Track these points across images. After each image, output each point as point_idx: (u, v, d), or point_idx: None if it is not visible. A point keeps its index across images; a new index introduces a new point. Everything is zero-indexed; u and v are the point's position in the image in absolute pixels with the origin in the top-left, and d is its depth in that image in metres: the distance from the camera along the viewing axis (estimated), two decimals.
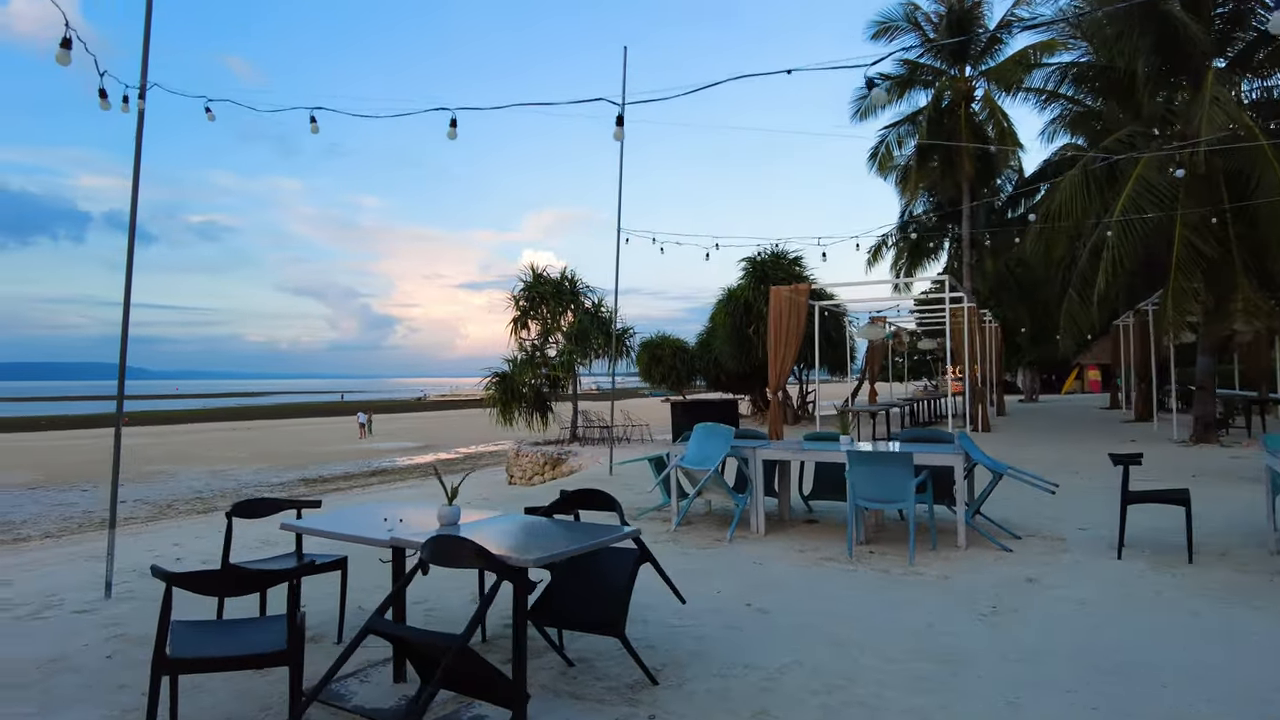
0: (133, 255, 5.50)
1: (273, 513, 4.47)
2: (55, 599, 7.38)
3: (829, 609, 4.80)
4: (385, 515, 3.71)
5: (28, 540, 15.20)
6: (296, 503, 4.46)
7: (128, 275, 5.48)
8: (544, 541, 3.18)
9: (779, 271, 19.60)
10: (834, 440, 7.41)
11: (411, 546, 3.07)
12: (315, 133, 5.66)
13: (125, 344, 5.57)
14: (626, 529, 3.33)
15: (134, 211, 5.47)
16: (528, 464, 15.58)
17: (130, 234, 5.47)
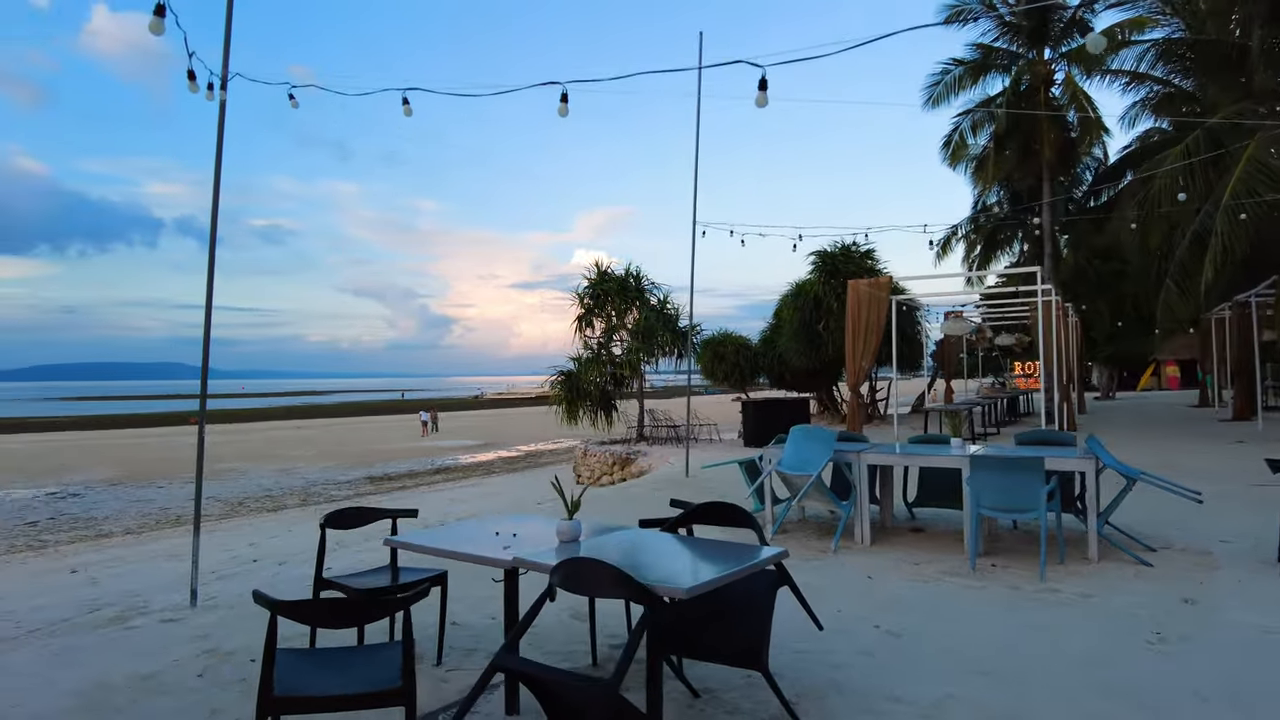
0: (214, 249, 5.31)
1: (367, 523, 4.17)
2: (140, 601, 7.31)
3: (966, 632, 4.32)
4: (497, 529, 3.37)
5: (110, 536, 15.49)
6: (392, 512, 4.16)
7: (210, 266, 5.28)
8: (684, 564, 2.80)
9: (850, 265, 18.91)
10: (944, 443, 6.89)
11: (538, 569, 2.71)
12: (409, 115, 5.39)
13: (208, 345, 5.39)
14: (770, 550, 2.93)
15: (215, 204, 5.27)
16: (596, 463, 15.27)
17: (212, 226, 5.28)
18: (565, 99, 5.65)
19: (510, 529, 3.40)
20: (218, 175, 5.23)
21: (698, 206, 10.89)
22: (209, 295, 5.29)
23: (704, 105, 9.90)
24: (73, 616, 7.17)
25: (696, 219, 10.73)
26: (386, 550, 7.94)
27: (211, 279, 5.29)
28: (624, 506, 8.84)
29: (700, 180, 10.71)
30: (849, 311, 13.78)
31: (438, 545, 3.03)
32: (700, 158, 10.36)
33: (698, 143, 10.50)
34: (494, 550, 2.95)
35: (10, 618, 7.48)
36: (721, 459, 11.69)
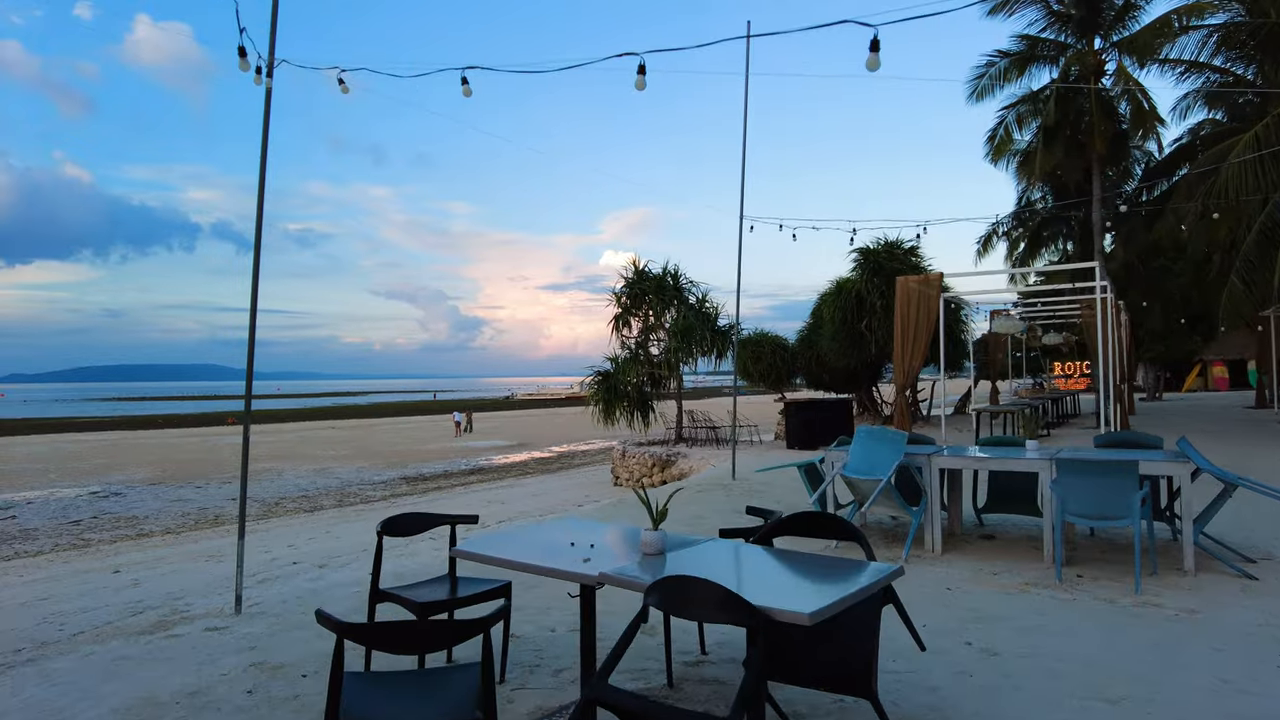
0: (260, 242, 5.11)
1: (426, 529, 3.92)
2: (182, 604, 7.17)
3: (1069, 650, 3.96)
4: (571, 539, 3.09)
5: (150, 535, 15.54)
6: (452, 518, 3.90)
7: (255, 260, 5.09)
8: (794, 583, 2.49)
9: (894, 262, 18.42)
10: (1017, 445, 6.50)
11: (630, 587, 2.43)
12: (468, 95, 5.14)
13: (253, 344, 5.19)
14: (886, 567, 2.61)
15: (261, 194, 5.07)
16: (635, 465, 14.98)
17: (258, 219, 5.08)
18: (642, 70, 5.34)
19: (585, 538, 3.12)
20: (263, 166, 5.03)
21: (744, 202, 10.56)
22: (255, 285, 5.09)
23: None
24: (116, 620, 7.05)
25: (744, 214, 10.40)
26: (433, 552, 7.73)
27: (257, 271, 5.10)
28: (675, 512, 8.54)
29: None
30: (897, 310, 13.31)
31: (510, 557, 2.76)
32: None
33: (745, 134, 10.19)
34: (573, 564, 2.67)
35: (56, 620, 7.38)
36: (775, 462, 11.35)
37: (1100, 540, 6.43)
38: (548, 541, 3.09)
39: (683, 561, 2.70)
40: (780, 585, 2.41)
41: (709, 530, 7.09)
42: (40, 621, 7.17)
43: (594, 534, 3.23)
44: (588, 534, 3.23)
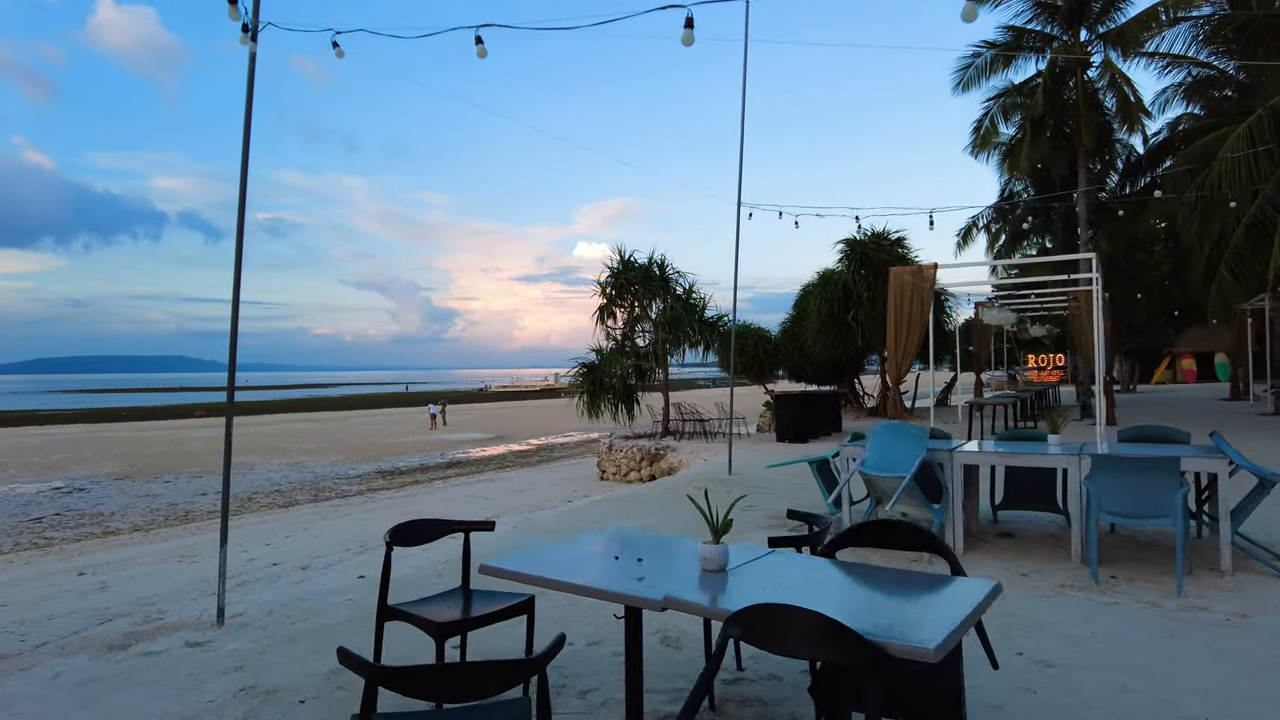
0: (243, 214, 4.69)
1: (437, 537, 3.55)
2: (155, 612, 6.70)
3: (1127, 662, 3.70)
4: (613, 552, 2.74)
5: (117, 533, 14.92)
6: (466, 525, 3.53)
7: (239, 236, 4.67)
8: (893, 607, 2.16)
9: (881, 253, 18.26)
10: (1037, 440, 6.26)
11: (708, 614, 2.09)
12: (482, 56, 4.71)
13: (235, 335, 4.77)
14: (984, 584, 2.31)
15: (245, 165, 4.65)
16: (622, 459, 14.64)
17: (241, 187, 4.66)
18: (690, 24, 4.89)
19: (627, 550, 2.77)
20: (246, 138, 4.60)
21: (741, 188, 10.24)
22: (238, 265, 4.67)
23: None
24: (83, 629, 6.58)
25: (741, 201, 10.07)
26: (425, 554, 7.33)
27: (240, 254, 4.68)
28: (675, 510, 8.22)
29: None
30: (890, 301, 13.10)
31: (554, 576, 2.40)
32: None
33: (743, 118, 9.85)
34: (629, 584, 2.32)
35: (15, 629, 6.88)
36: (771, 456, 11.09)
37: (1121, 537, 6.22)
38: (587, 555, 2.75)
39: (750, 580, 2.37)
40: (883, 611, 2.09)
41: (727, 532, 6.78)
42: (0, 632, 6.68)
43: (636, 545, 2.89)
44: (629, 545, 2.88)
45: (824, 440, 14.84)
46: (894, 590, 2.26)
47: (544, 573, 2.42)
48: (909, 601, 2.18)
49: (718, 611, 2.01)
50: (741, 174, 10.04)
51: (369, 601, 5.07)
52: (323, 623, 4.55)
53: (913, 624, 1.95)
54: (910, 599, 2.21)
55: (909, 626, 1.90)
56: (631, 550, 2.78)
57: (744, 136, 9.88)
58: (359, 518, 13.82)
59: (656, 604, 2.15)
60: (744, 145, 9.90)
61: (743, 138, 9.89)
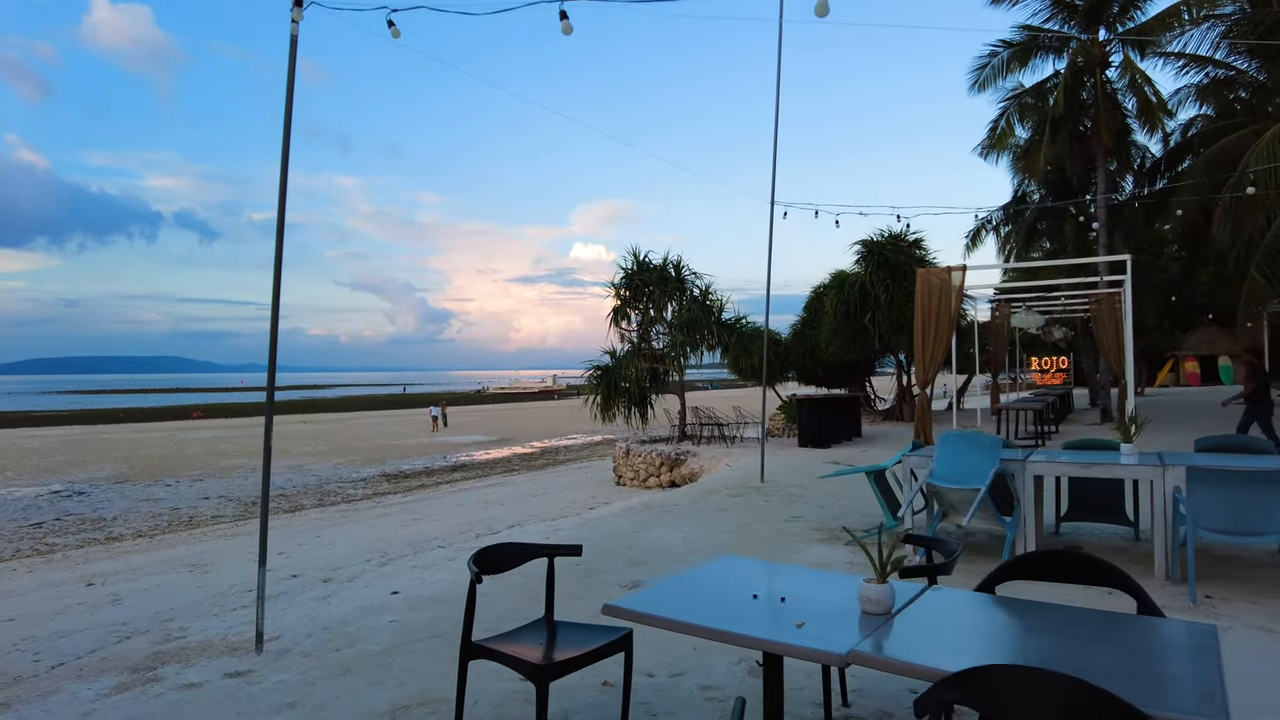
0: (284, 200, 4.36)
1: (522, 562, 3.19)
2: (177, 630, 6.32)
3: (1268, 698, 3.38)
4: (750, 589, 2.40)
5: (120, 539, 14.54)
6: (551, 549, 3.18)
7: (279, 226, 4.33)
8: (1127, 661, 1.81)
9: (899, 254, 17.97)
10: (1108, 449, 5.95)
11: (908, 673, 1.76)
12: (568, 33, 4.32)
13: (275, 333, 4.44)
14: (1208, 628, 1.98)
15: (286, 146, 4.31)
16: (640, 464, 14.29)
17: (283, 169, 4.32)
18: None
19: (762, 586, 2.43)
20: (288, 118, 4.27)
21: (774, 182, 9.91)
22: (279, 250, 4.34)
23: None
24: (100, 647, 6.22)
25: (774, 200, 9.75)
26: (449, 562, 6.99)
27: (280, 239, 4.34)
28: (715, 522, 7.87)
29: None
30: (918, 303, 12.76)
31: (699, 622, 2.05)
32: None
33: (777, 115, 9.54)
34: (788, 631, 1.98)
35: (29, 646, 6.52)
36: (800, 462, 10.77)
37: (1197, 552, 5.91)
38: (717, 593, 2.40)
39: (926, 626, 2.04)
40: (1118, 667, 1.75)
41: (769, 543, 6.43)
42: (10, 649, 6.31)
43: (768, 579, 2.56)
44: (760, 580, 2.54)
45: (846, 445, 14.52)
46: (1108, 638, 1.93)
47: (684, 617, 2.08)
48: (1138, 654, 1.86)
49: (922, 670, 1.69)
50: (775, 171, 9.74)
51: (414, 622, 4.74)
52: (370, 649, 4.21)
53: (1169, 686, 1.63)
54: (1139, 651, 1.88)
55: (1169, 690, 1.58)
56: (765, 586, 2.44)
57: (778, 133, 9.56)
58: (370, 524, 13.46)
59: (838, 659, 1.82)
60: (777, 141, 9.58)
61: (776, 134, 9.58)
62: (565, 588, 5.10)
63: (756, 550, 6.19)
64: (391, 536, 11.24)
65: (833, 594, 2.31)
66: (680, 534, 6.97)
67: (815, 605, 2.20)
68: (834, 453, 13.35)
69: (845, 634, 1.95)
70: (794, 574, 2.63)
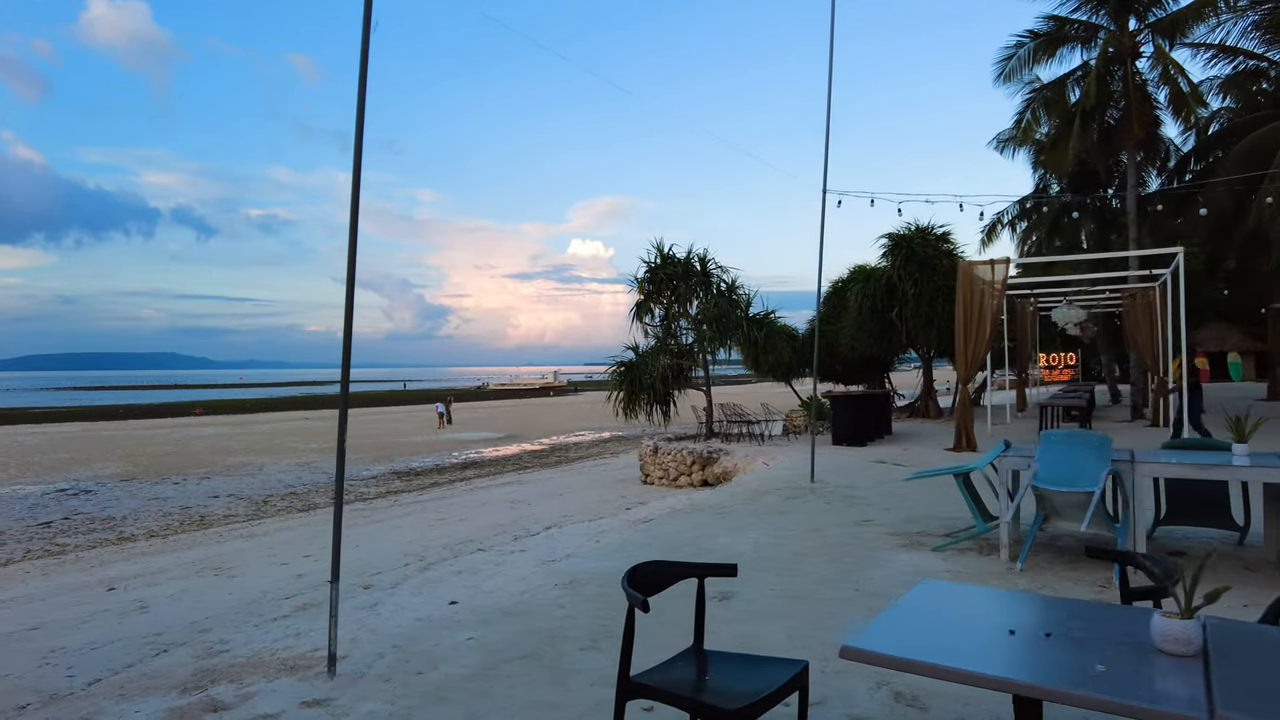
0: (358, 191, 3.96)
1: (673, 582, 2.77)
2: (217, 642, 5.91)
3: None
4: (992, 623, 2.01)
5: (133, 539, 14.13)
6: (702, 568, 2.76)
7: (353, 215, 3.94)
8: None
9: (927, 248, 17.61)
10: (1216, 449, 5.57)
11: None
12: None
13: (349, 327, 4.05)
14: None
15: (360, 133, 3.91)
16: (670, 463, 13.89)
17: (356, 164, 3.92)
18: None
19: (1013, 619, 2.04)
20: (362, 86, 3.87)
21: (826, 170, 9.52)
22: (352, 255, 3.94)
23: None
24: (137, 661, 5.80)
25: (828, 188, 9.35)
26: (496, 567, 6.58)
27: (355, 230, 3.94)
28: (779, 525, 7.47)
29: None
30: (959, 297, 12.44)
31: (974, 669, 1.66)
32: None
33: (830, 100, 9.15)
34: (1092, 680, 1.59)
35: (59, 659, 6.10)
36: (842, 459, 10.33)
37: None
38: (958, 626, 2.01)
39: (1248, 672, 1.65)
40: None
41: (850, 550, 5.82)
42: (40, 662, 5.89)
43: (1002, 609, 2.16)
44: (993, 610, 2.15)
45: (881, 443, 14.14)
46: None
47: (955, 663, 1.68)
48: None
49: None
50: (827, 159, 9.33)
51: (494, 640, 4.33)
52: (456, 672, 3.81)
53: None
54: None
55: None
56: (1007, 618, 2.05)
57: (829, 121, 9.16)
58: (395, 524, 13.05)
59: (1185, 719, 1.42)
60: (829, 129, 9.18)
61: (829, 122, 9.17)
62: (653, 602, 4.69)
63: (842, 558, 5.80)
64: (421, 538, 10.83)
65: (1100, 627, 1.92)
66: (748, 539, 6.58)
67: (1089, 642, 1.82)
68: (874, 450, 12.98)
69: (1175, 684, 1.56)
70: (1021, 601, 2.25)
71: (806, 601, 4.77)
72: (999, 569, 5.37)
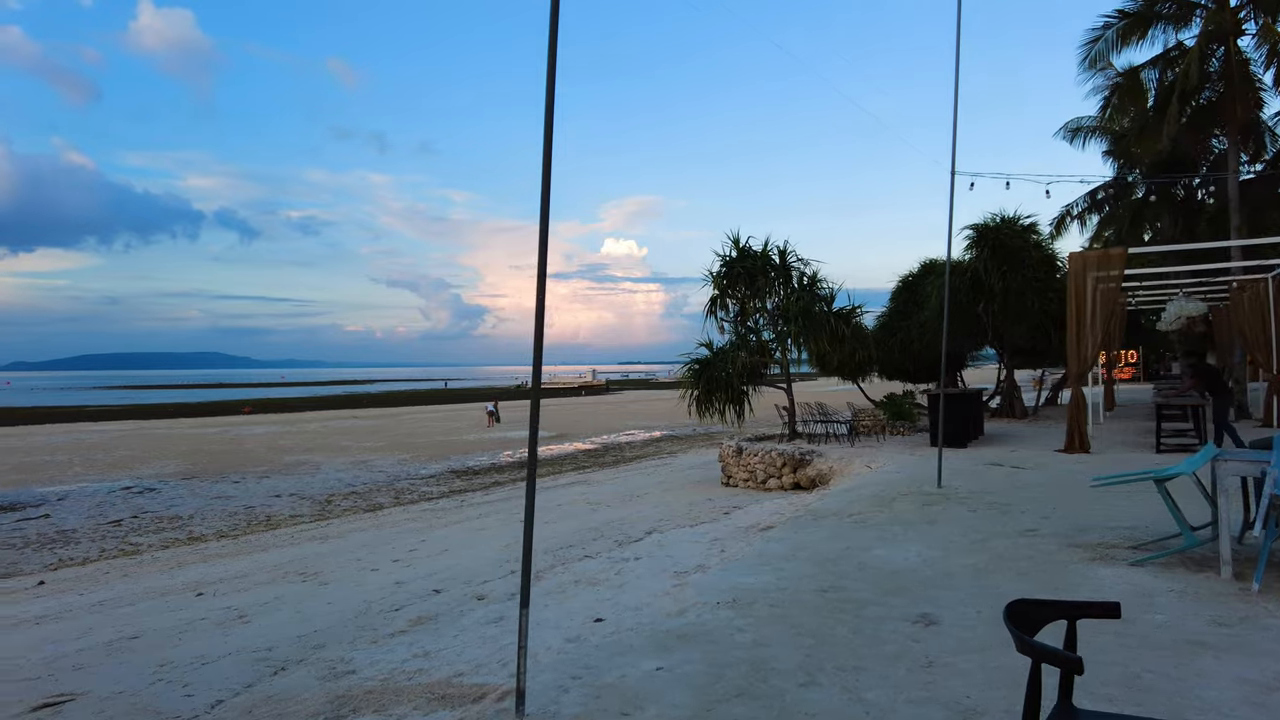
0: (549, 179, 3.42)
1: (1050, 621, 2.16)
2: (339, 660, 5.39)
3: None
4: None
5: (204, 540, 13.88)
6: (1077, 608, 2.15)
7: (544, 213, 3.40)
8: None
9: (1016, 239, 16.76)
10: None
11: None
12: None
13: (541, 321, 3.51)
14: None
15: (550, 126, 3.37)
16: (757, 464, 13.26)
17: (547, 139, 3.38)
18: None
19: None
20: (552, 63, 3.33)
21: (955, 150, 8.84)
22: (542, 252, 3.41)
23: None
24: (256, 681, 5.33)
25: (959, 171, 8.66)
26: (639, 579, 6.00)
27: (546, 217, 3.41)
28: (936, 536, 6.78)
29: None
30: (1071, 290, 11.64)
31: None
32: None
33: (957, 75, 8.46)
34: None
35: (171, 675, 5.66)
36: (969, 461, 9.58)
37: None
38: None
39: None
40: None
41: (1033, 563, 4.90)
42: (152, 679, 5.47)
43: None
44: None
45: (977, 445, 13.36)
46: None
47: None
48: None
49: None
50: (955, 140, 8.64)
51: (690, 673, 3.71)
52: (672, 715, 3.24)
53: None
54: None
55: None
56: None
57: (957, 100, 8.47)
58: (474, 525, 12.60)
59: None
60: (957, 109, 8.49)
61: (956, 101, 8.49)
62: (836, 627, 4.06)
63: (1032, 573, 5.14)
64: (510, 542, 10.34)
65: None
66: (909, 552, 5.94)
67: None
68: (977, 452, 12.22)
69: None
70: None
71: None
72: (1228, 589, 4.68)
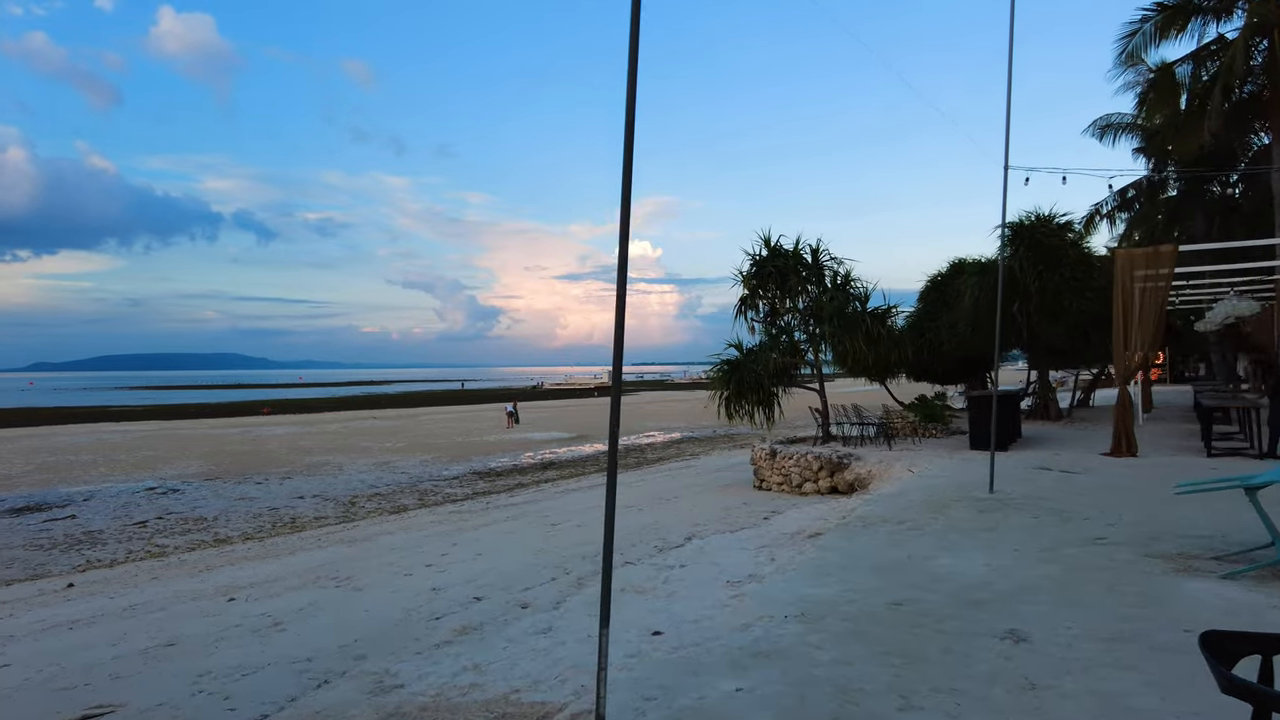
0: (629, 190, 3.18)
1: (1248, 654, 1.89)
2: (389, 678, 5.13)
3: None
4: None
5: (230, 542, 13.76)
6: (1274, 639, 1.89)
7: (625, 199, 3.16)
8: None
9: (1053, 237, 16.38)
10: None
11: None
12: None
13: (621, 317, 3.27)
14: None
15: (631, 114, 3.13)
16: (792, 467, 12.96)
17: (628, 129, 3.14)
18: None
19: None
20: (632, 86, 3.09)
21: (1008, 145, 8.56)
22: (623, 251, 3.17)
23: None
24: (300, 695, 5.11)
25: (1010, 165, 8.35)
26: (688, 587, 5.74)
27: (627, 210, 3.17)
28: (1001, 545, 6.46)
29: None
30: (1117, 289, 11.30)
31: None
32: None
33: (1010, 68, 8.16)
34: None
35: (211, 686, 5.44)
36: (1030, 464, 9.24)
37: None
38: None
39: None
40: None
41: (1110, 573, 4.65)
42: (191, 689, 5.27)
43: None
44: None
45: (1017, 448, 13.01)
46: None
47: None
48: None
49: None
50: (1009, 135, 8.34)
51: (774, 694, 3.44)
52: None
53: None
54: None
55: None
56: None
57: (1010, 95, 8.18)
58: (503, 528, 12.38)
59: None
60: (1010, 105, 8.19)
61: (1009, 96, 8.19)
62: (921, 644, 3.77)
63: (1118, 586, 4.85)
64: (547, 546, 10.11)
65: None
66: (975, 561, 5.66)
67: None
68: (1020, 455, 11.88)
69: None
70: None
71: (1134, 645, 3.84)
72: None
